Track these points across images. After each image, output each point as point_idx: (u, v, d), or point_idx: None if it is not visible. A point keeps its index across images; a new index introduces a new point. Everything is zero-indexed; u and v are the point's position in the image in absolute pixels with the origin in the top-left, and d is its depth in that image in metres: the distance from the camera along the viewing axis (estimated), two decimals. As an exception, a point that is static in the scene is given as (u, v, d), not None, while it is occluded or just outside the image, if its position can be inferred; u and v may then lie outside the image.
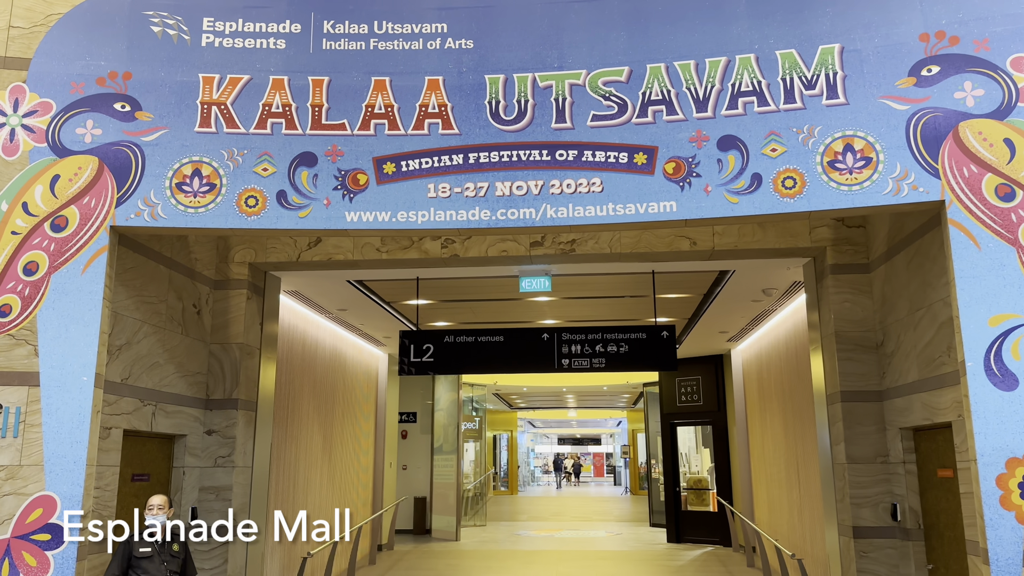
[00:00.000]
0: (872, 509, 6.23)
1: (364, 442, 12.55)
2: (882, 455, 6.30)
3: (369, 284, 8.48)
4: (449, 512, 14.87)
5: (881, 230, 6.36)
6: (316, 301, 9.04)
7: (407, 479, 16.13)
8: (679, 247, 6.82)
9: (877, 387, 6.42)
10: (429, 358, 7.70)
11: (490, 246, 7.01)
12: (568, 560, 12.39)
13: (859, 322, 6.56)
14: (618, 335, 7.59)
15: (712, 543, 13.56)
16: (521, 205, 5.36)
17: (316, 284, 8.24)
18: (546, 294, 8.88)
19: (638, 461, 28.35)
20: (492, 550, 13.64)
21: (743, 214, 5.12)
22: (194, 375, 6.73)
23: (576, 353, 7.62)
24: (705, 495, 14.14)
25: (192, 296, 6.75)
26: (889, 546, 6.14)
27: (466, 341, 7.73)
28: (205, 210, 5.39)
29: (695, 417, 14.29)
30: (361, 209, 5.40)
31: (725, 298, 8.87)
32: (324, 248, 7.11)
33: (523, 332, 7.78)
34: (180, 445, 6.60)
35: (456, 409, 15.26)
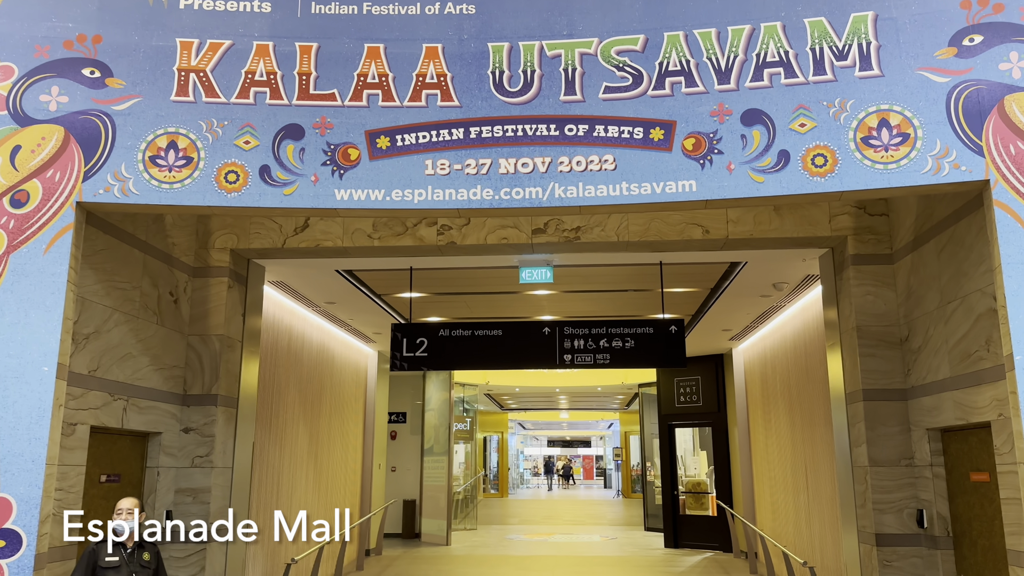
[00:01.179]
0: (896, 515, 5.83)
1: (352, 443, 12.07)
2: (907, 458, 5.91)
3: (359, 275, 8.02)
4: (439, 515, 14.40)
5: (907, 218, 5.97)
6: (303, 293, 8.58)
7: (396, 481, 15.65)
8: (691, 235, 6.40)
9: (901, 385, 6.02)
10: (422, 353, 7.25)
11: (489, 233, 6.58)
12: (563, 566, 11.95)
13: (882, 316, 6.17)
14: (624, 329, 7.17)
15: (711, 548, 13.15)
16: (527, 184, 4.93)
17: (303, 274, 7.78)
18: (546, 287, 8.44)
19: (630, 464, 27.96)
20: (484, 555, 13.18)
21: (769, 194, 4.71)
22: (170, 368, 6.25)
23: (579, 348, 7.19)
24: (704, 499, 13.73)
25: (169, 283, 6.28)
26: (915, 555, 5.74)
27: (462, 335, 7.29)
28: (181, 186, 4.93)
29: (694, 418, 13.89)
30: (352, 187, 4.95)
31: (733, 293, 8.47)
32: (311, 234, 6.65)
33: (523, 326, 7.35)
34: (154, 444, 6.13)
35: (447, 409, 14.80)
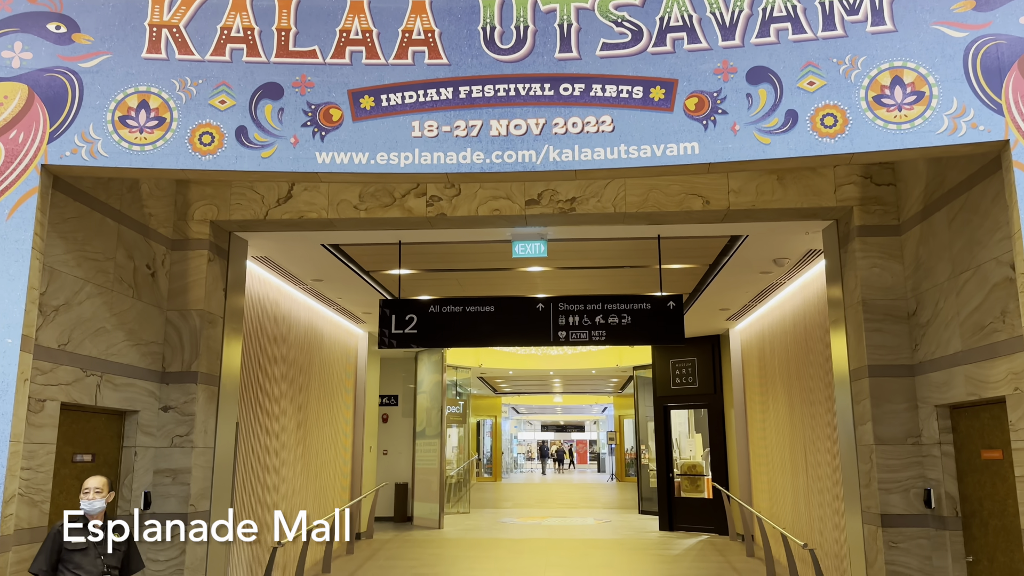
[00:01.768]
0: (902, 495, 5.63)
1: (342, 425, 11.84)
2: (914, 436, 5.70)
3: (346, 250, 7.75)
4: (432, 499, 14.21)
5: (916, 187, 5.73)
6: (288, 269, 8.30)
7: (388, 464, 15.45)
8: (690, 206, 6.15)
9: (908, 361, 5.81)
10: (412, 330, 7.00)
11: (481, 204, 6.31)
12: (557, 549, 11.78)
13: (888, 289, 5.94)
14: (620, 305, 6.92)
15: (707, 531, 13.00)
16: (519, 147, 4.66)
17: (287, 248, 7.50)
18: (540, 262, 8.19)
19: (624, 447, 27.85)
20: (477, 539, 13.00)
21: (776, 156, 4.45)
22: (148, 344, 5.99)
23: (574, 325, 6.95)
24: (699, 481, 13.57)
25: (145, 256, 6.00)
26: (922, 536, 5.54)
27: (453, 311, 7.04)
28: (153, 148, 4.64)
29: (690, 400, 13.70)
30: (334, 149, 4.67)
31: (732, 270, 8.23)
32: (295, 205, 6.37)
33: (516, 302, 7.10)
34: (131, 422, 5.87)
35: (440, 392, 14.58)
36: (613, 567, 10.33)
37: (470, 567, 10.28)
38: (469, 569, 10.13)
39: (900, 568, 5.52)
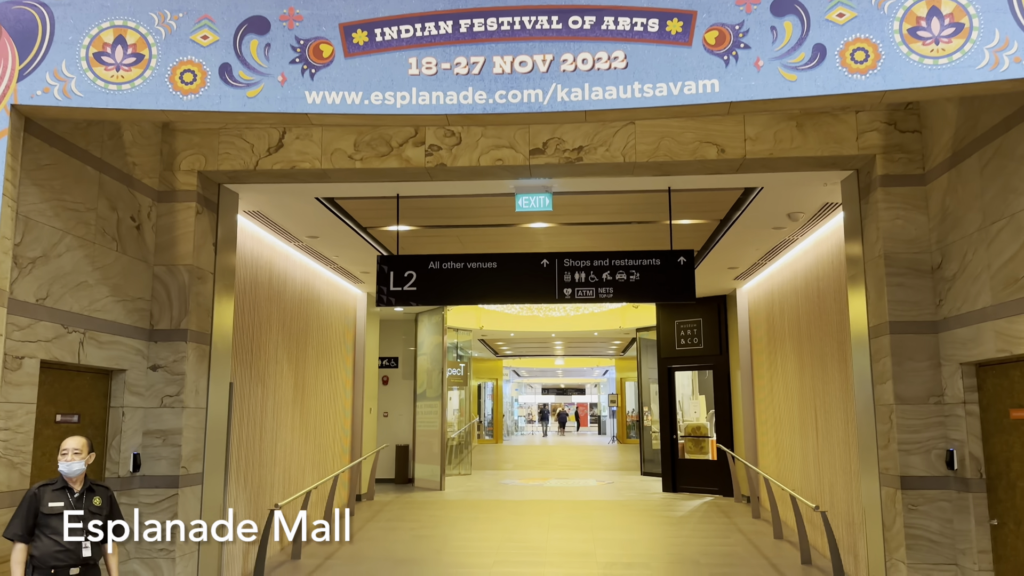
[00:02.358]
0: (923, 456, 5.40)
1: (341, 387, 11.64)
2: (936, 395, 5.45)
3: (342, 204, 7.44)
4: (433, 461, 14.08)
5: (944, 132, 5.40)
6: (282, 225, 7.99)
7: (389, 426, 15.31)
8: (704, 155, 5.83)
9: (932, 317, 5.54)
10: (411, 287, 6.72)
11: (483, 154, 5.99)
12: (559, 510, 11.66)
13: (912, 242, 5.65)
14: (628, 261, 6.63)
15: (710, 493, 12.88)
16: (525, 85, 4.33)
17: (280, 203, 7.19)
18: (545, 217, 7.88)
19: (626, 409, 27.79)
20: (479, 500, 12.89)
21: (803, 95, 4.12)
22: (134, 300, 5.71)
23: (580, 282, 6.66)
24: (704, 443, 13.42)
25: (130, 207, 5.69)
26: (943, 498, 5.33)
27: (454, 268, 6.75)
28: (131, 87, 4.32)
29: (695, 362, 13.49)
30: (325, 88, 4.35)
31: (744, 225, 7.93)
32: (287, 154, 6.05)
33: (519, 258, 6.80)
34: (118, 381, 5.62)
35: (440, 353, 14.36)
36: (616, 528, 10.20)
37: (471, 528, 10.15)
38: (470, 530, 10.00)
39: (919, 531, 5.32)
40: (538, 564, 8.08)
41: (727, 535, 9.53)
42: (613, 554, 8.58)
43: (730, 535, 9.52)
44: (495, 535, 9.65)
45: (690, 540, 9.30)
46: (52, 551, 3.79)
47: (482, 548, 8.89)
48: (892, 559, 5.51)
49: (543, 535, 9.65)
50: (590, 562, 8.15)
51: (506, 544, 9.13)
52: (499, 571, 7.80)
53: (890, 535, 5.54)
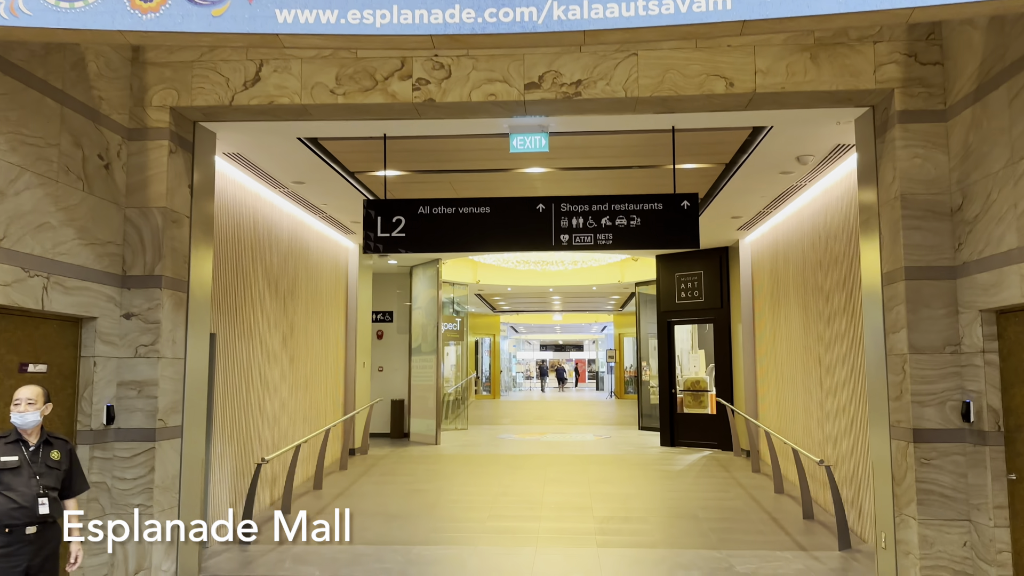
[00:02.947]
0: (938, 408, 5.13)
1: (333, 340, 11.37)
2: (952, 344, 5.16)
3: (327, 146, 7.05)
4: (428, 415, 13.90)
5: (968, 63, 5.02)
6: (265, 169, 7.61)
7: (383, 381, 15.11)
8: (712, 89, 5.44)
9: (950, 262, 5.22)
10: (400, 233, 6.38)
11: (474, 88, 5.60)
12: (556, 465, 11.50)
13: (931, 182, 5.30)
14: (629, 206, 6.28)
15: (709, 447, 12.73)
16: (517, 2, 3.94)
17: (261, 143, 6.80)
18: (541, 161, 7.51)
19: (624, 365, 27.67)
20: (474, 454, 12.74)
21: (824, 12, 3.74)
22: (104, 244, 5.38)
23: (578, 227, 6.32)
24: (703, 397, 13.23)
25: (97, 144, 5.32)
26: (957, 452, 5.07)
27: (445, 213, 6.40)
28: (84, 4, 3.93)
29: (695, 315, 13.22)
30: (297, 6, 3.95)
31: (750, 169, 7.56)
32: (264, 89, 5.66)
33: (514, 203, 6.45)
34: (89, 330, 5.32)
35: (435, 308, 14.08)
36: (613, 482, 10.04)
37: (466, 483, 9.98)
38: (465, 484, 9.83)
39: (932, 486, 5.08)
40: (534, 519, 7.90)
41: (726, 489, 9.35)
42: (610, 508, 8.40)
43: (729, 489, 9.35)
44: (490, 489, 9.48)
45: (689, 494, 9.13)
46: (6, 508, 3.51)
47: (477, 502, 8.72)
48: (902, 515, 5.29)
49: (539, 489, 9.48)
50: (587, 516, 7.97)
51: (501, 498, 8.95)
52: (494, 526, 7.62)
53: (900, 490, 5.30)
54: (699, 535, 7.19)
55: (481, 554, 6.62)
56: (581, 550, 6.71)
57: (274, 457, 7.59)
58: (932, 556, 5.04)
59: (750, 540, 7.02)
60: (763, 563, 6.26)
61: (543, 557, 6.48)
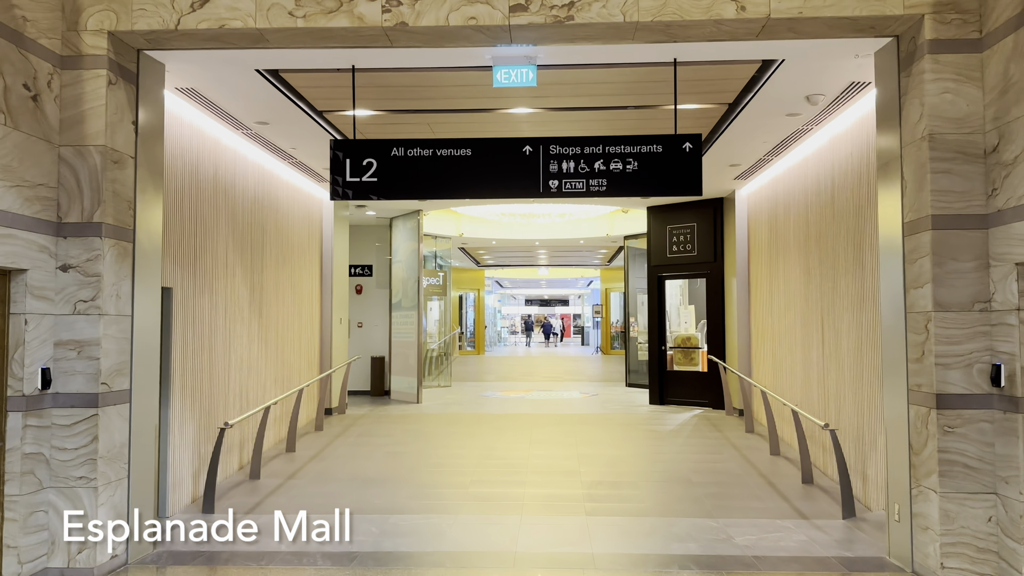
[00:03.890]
0: (964, 371, 4.67)
1: (307, 296, 10.79)
2: (982, 300, 4.68)
3: (290, 79, 6.37)
4: (410, 373, 13.43)
5: (1014, -16, 4.43)
6: (224, 108, 6.92)
7: (363, 337, 14.59)
8: (720, 13, 4.83)
9: (982, 209, 4.70)
10: (370, 177, 5.76)
11: (452, 11, 4.95)
12: (542, 425, 11.08)
13: (962, 121, 4.75)
14: (625, 148, 5.69)
15: (700, 405, 12.36)
16: None
17: (217, 77, 6.11)
18: (528, 100, 6.87)
19: (610, 320, 27.31)
20: (457, 414, 12.30)
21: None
22: (34, 187, 4.74)
23: (568, 172, 5.73)
24: (694, 354, 12.82)
25: (22, 73, 4.65)
26: (984, 419, 4.62)
27: (421, 155, 5.79)
28: None
29: (688, 270, 12.71)
30: None
31: (755, 110, 6.97)
32: (214, 10, 4.98)
33: (498, 144, 5.83)
34: (18, 283, 4.71)
35: (416, 261, 13.50)
36: (602, 444, 9.64)
37: (448, 444, 9.54)
38: (447, 446, 9.39)
39: (955, 456, 4.64)
40: (518, 483, 7.47)
41: (720, 451, 8.97)
42: (599, 472, 7.99)
43: (723, 451, 8.97)
44: (473, 452, 9.05)
45: (681, 456, 8.73)
46: None
47: (459, 466, 8.28)
48: (920, 486, 4.86)
49: (524, 451, 9.06)
50: (574, 481, 7.55)
51: (485, 462, 8.52)
52: (477, 492, 7.18)
53: (919, 460, 4.86)
54: (693, 502, 6.79)
55: (462, 524, 6.17)
56: (569, 519, 6.29)
57: (239, 421, 7.08)
58: (954, 532, 4.62)
59: (747, 507, 6.63)
60: (763, 533, 5.86)
61: (528, 527, 6.05)
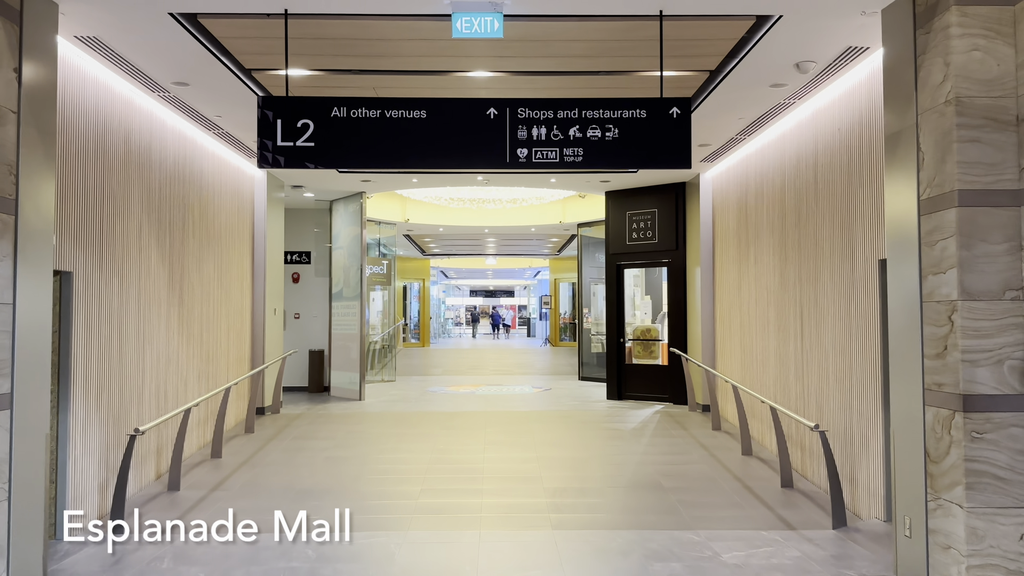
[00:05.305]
0: (993, 369, 4.09)
1: (237, 284, 9.79)
2: (1014, 288, 4.11)
3: (210, 28, 5.43)
4: (351, 368, 12.51)
5: (1059, -76, 3.84)
6: (135, 63, 5.92)
7: (300, 330, 13.60)
8: (722, -49, 4.13)
9: (1014, 184, 4.13)
10: (306, 141, 4.90)
11: (406, -60, 4.13)
12: (495, 423, 10.33)
13: (992, 83, 4.17)
14: (604, 113, 4.96)
15: (660, 400, 11.80)
16: None
17: (124, 23, 5.14)
18: (490, 60, 6.07)
19: (559, 312, 26.73)
20: (403, 412, 11.46)
21: None
22: None
23: (539, 140, 4.97)
24: (653, 347, 12.24)
25: None
26: (1017, 423, 4.06)
27: (368, 116, 4.95)
28: None
29: (648, 258, 12.11)
30: None
31: (739, 79, 6.33)
32: (111, -73, 4.05)
33: (458, 106, 5.03)
34: None
35: (359, 247, 12.57)
36: (562, 445, 8.95)
37: (395, 447, 8.71)
38: (394, 450, 8.56)
39: (984, 466, 4.06)
40: (474, 492, 6.71)
41: (688, 451, 8.37)
42: (561, 477, 7.29)
43: (691, 451, 8.37)
44: (423, 455, 8.24)
45: (647, 457, 8.10)
46: None
47: (407, 472, 7.46)
48: (940, 499, 4.27)
49: (479, 454, 8.30)
50: (536, 488, 6.83)
51: (436, 467, 7.72)
52: (428, 503, 6.39)
53: (939, 470, 4.28)
54: (667, 511, 6.14)
55: (413, 543, 5.38)
56: (534, 534, 5.57)
57: (153, 426, 6.12)
58: (982, 552, 4.05)
59: (728, 516, 6.01)
60: (751, 548, 5.23)
61: (490, 546, 5.29)
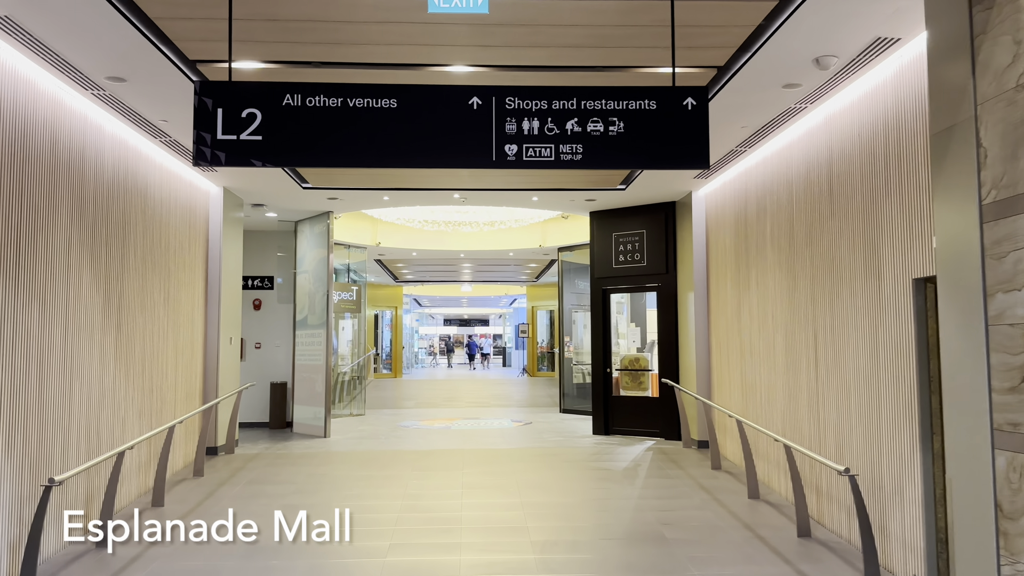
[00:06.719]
0: (1088, 406, 3.36)
1: (187, 311, 8.88)
2: (1109, 308, 3.40)
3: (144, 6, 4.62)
4: (316, 402, 11.56)
5: None
6: (59, 51, 5.08)
7: (261, 361, 12.65)
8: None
9: (1106, 184, 3.44)
10: (252, 134, 4.09)
11: None
12: (473, 463, 9.45)
13: (1075, 64, 3.49)
14: (607, 104, 4.22)
15: (651, 435, 11.00)
16: None
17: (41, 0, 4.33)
18: (471, 47, 5.31)
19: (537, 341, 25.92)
20: (372, 451, 10.52)
21: None
22: None
23: (531, 135, 4.21)
24: (643, 377, 11.46)
25: None
26: (1120, 473, 3.32)
27: (327, 106, 4.16)
28: None
29: (636, 282, 11.38)
30: None
31: (749, 77, 5.66)
32: None
33: (434, 94, 4.26)
34: None
35: (325, 271, 11.70)
36: (548, 488, 8.08)
37: (361, 493, 7.79)
38: (360, 497, 7.63)
39: (1083, 526, 3.31)
40: (451, 547, 5.84)
41: (688, 495, 7.56)
42: (550, 528, 6.43)
43: (692, 495, 7.56)
44: (393, 502, 7.33)
45: (645, 503, 7.27)
46: None
47: (375, 523, 6.56)
48: (1017, 563, 3.51)
49: (456, 500, 7.41)
50: (522, 542, 5.98)
51: (407, 516, 6.83)
52: (398, 562, 5.52)
53: (1016, 528, 3.52)
54: (675, 569, 5.32)
55: (380, 617, 4.50)
56: (524, 603, 4.72)
57: (73, 475, 5.19)
58: (1084, 634, 3.29)
59: (743, 574, 5.21)
60: (781, 618, 4.43)
61: (471, 620, 4.43)
